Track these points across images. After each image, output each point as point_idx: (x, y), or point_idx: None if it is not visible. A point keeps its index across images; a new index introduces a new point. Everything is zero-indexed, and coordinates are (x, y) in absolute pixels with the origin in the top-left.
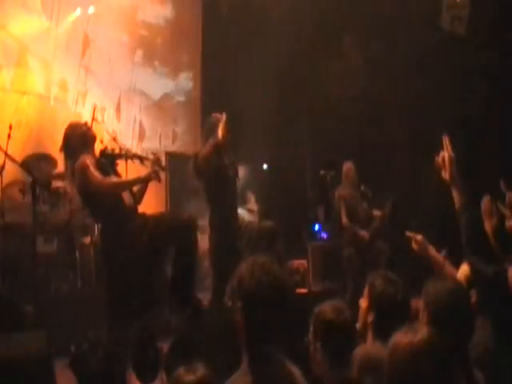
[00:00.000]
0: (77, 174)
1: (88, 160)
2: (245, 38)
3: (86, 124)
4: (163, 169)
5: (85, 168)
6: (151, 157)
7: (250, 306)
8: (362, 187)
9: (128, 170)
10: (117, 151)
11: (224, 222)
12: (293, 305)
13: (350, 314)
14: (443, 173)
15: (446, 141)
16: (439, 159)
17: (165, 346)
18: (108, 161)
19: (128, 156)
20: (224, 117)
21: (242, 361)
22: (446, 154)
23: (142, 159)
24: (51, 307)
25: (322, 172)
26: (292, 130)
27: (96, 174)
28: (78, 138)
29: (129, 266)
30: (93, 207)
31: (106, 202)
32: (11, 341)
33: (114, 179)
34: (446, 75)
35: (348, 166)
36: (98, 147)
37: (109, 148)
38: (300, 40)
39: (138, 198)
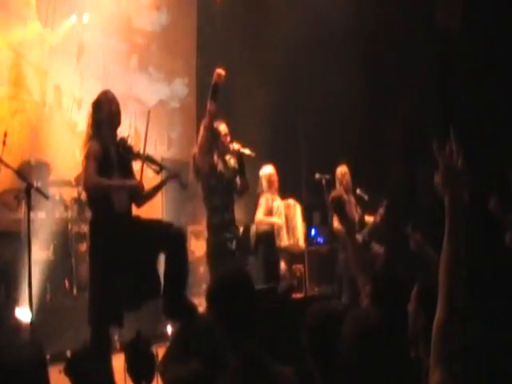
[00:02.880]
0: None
1: (94, 147)
2: (239, 45)
3: (114, 102)
4: (183, 186)
5: (86, 157)
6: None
7: (219, 305)
8: (358, 191)
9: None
10: (137, 150)
11: (220, 225)
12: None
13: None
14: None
15: None
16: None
17: (160, 351)
18: (124, 153)
19: (147, 159)
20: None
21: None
22: None
23: (161, 168)
24: (47, 315)
25: (317, 176)
26: (288, 136)
27: (91, 167)
28: (104, 117)
29: (112, 264)
30: (88, 197)
31: (96, 196)
32: (5, 349)
33: (98, 179)
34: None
35: (342, 170)
36: None
37: (131, 142)
38: (296, 48)
39: (143, 198)
